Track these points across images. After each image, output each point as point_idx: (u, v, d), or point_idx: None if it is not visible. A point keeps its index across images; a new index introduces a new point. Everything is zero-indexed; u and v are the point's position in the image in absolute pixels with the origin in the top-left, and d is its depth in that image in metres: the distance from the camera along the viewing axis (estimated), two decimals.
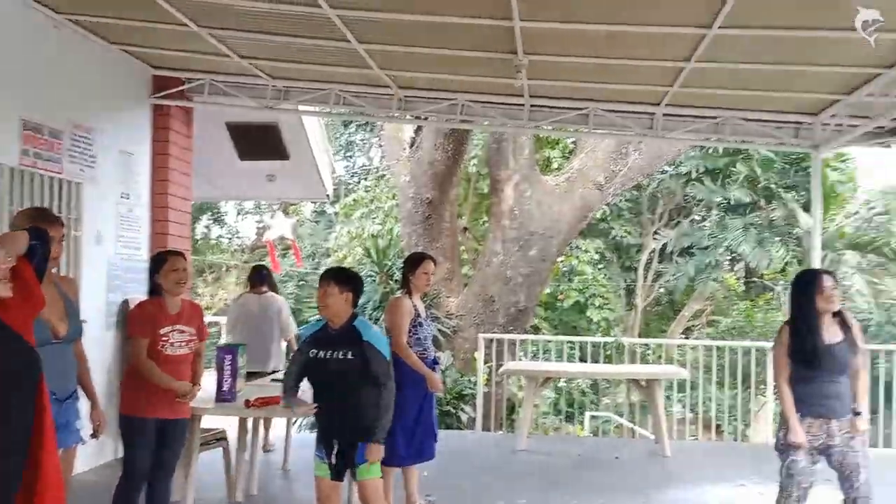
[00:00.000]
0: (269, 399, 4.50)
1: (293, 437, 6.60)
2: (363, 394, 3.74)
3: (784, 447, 4.04)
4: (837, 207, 15.46)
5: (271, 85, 6.95)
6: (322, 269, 5.44)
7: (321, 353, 3.79)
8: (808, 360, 3.98)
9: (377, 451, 3.75)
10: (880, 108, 5.92)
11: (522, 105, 6.95)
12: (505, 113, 7.14)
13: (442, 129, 10.77)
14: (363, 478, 3.79)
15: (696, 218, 17.82)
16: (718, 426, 11.16)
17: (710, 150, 15.21)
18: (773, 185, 15.28)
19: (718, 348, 9.20)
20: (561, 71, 6.18)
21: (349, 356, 3.72)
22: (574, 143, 13.84)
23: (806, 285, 4.11)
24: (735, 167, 15.49)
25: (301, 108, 7.72)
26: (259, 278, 6.97)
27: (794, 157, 14.61)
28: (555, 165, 14.93)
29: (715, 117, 6.87)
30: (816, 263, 7.20)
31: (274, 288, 7.09)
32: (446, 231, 11.64)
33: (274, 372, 6.21)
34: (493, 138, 11.48)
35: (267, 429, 6.65)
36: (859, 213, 16.11)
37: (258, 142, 8.73)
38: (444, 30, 5.32)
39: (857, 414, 4.00)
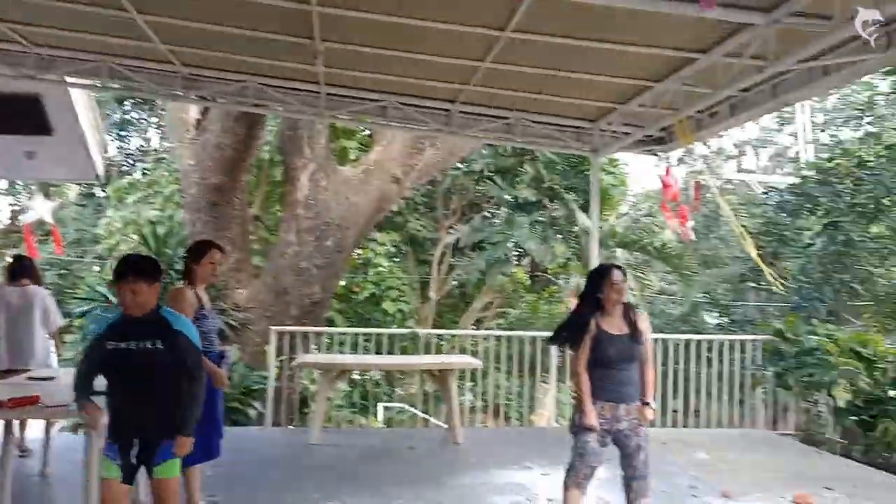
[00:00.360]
0: (24, 399, 4.09)
1: (54, 438, 5.95)
2: (172, 386, 3.42)
3: (578, 429, 4.26)
4: (610, 209, 16.88)
5: (33, 52, 6.17)
6: (88, 258, 4.90)
7: (123, 345, 3.38)
8: (600, 349, 4.23)
9: (187, 445, 3.47)
10: (650, 118, 6.49)
11: (319, 93, 6.79)
12: (300, 99, 6.93)
13: (232, 112, 10.24)
14: (163, 476, 3.46)
15: (487, 214, 18.59)
16: (506, 413, 11.70)
17: (500, 150, 15.91)
18: (556, 186, 16.31)
19: (507, 339, 9.64)
20: (359, 60, 6.10)
21: (157, 346, 3.37)
22: (371, 135, 13.83)
23: (599, 277, 4.37)
24: (523, 167, 16.36)
25: (69, 79, 6.95)
26: (20, 269, 6.24)
27: (573, 159, 15.71)
28: (352, 156, 14.83)
29: (507, 118, 7.16)
30: (595, 260, 7.77)
31: (38, 280, 6.36)
32: (236, 219, 11.10)
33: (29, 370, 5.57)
34: (287, 125, 11.09)
35: (23, 430, 6.00)
36: (629, 214, 17.72)
37: (16, 114, 7.75)
38: (237, 7, 5.02)
39: (645, 404, 4.31)
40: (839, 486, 6.08)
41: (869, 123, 16.49)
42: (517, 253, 17.80)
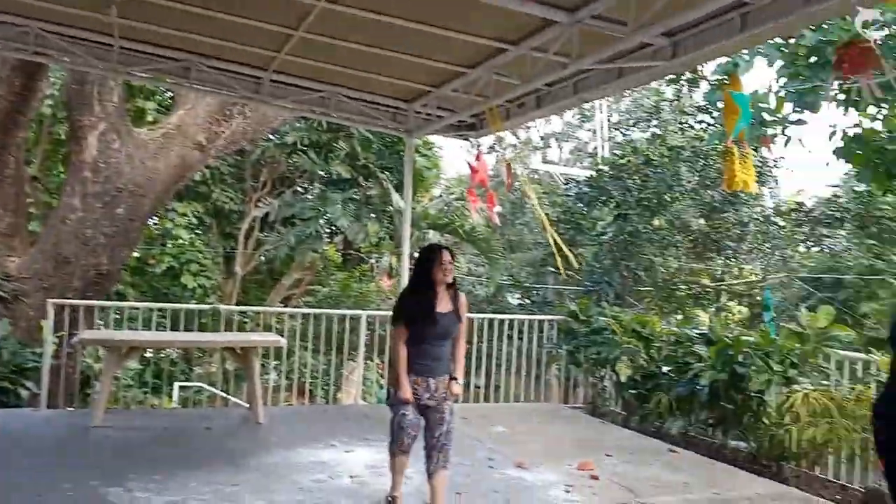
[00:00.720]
0: None
1: None
2: None
3: (395, 402, 4.44)
4: (424, 191, 17.16)
5: None
6: None
7: None
8: (422, 324, 4.37)
9: None
10: (463, 104, 6.63)
11: (112, 46, 6.19)
12: (89, 51, 6.29)
13: (9, 60, 9.07)
14: None
15: (299, 189, 18.17)
16: (311, 391, 11.55)
17: (315, 124, 15.57)
18: (371, 165, 16.28)
19: (315, 317, 9.46)
20: (161, 15, 5.64)
21: None
22: (172, 97, 12.91)
23: (427, 258, 4.50)
24: (338, 143, 16.13)
25: None
26: None
27: (389, 140, 15.75)
28: (150, 118, 13.78)
29: (321, 91, 6.98)
30: (407, 240, 7.83)
31: None
32: (9, 179, 9.88)
33: None
34: (74, 78, 10.03)
35: None
36: (441, 197, 18.12)
37: None
38: None
39: (453, 379, 4.51)
40: (617, 452, 6.64)
41: (655, 126, 18.10)
42: (329, 230, 17.59)
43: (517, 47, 5.47)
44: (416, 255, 4.81)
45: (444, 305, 4.47)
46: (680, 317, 15.75)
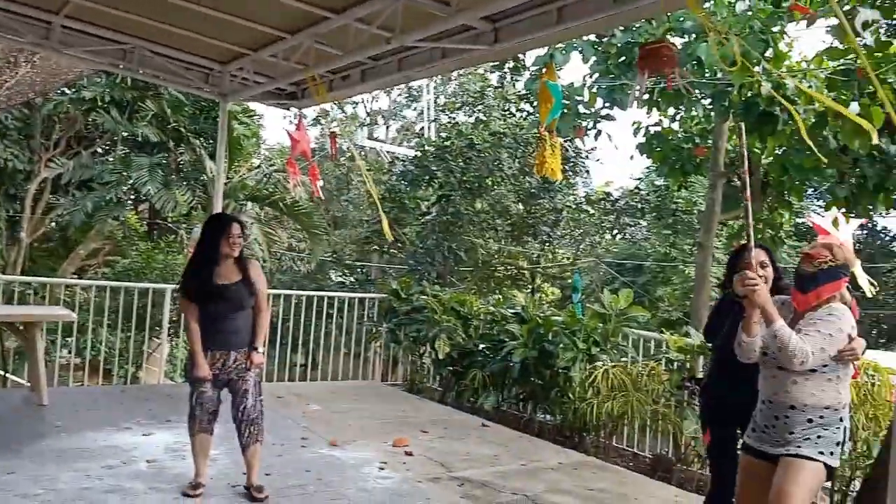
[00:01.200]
0: None
1: None
2: None
3: (192, 379, 4.34)
4: (242, 160, 16.39)
5: None
6: None
7: None
8: (207, 298, 4.27)
9: None
10: (282, 71, 6.34)
11: None
12: None
13: None
14: None
15: (99, 150, 16.67)
16: (108, 370, 10.68)
17: (119, 79, 14.33)
18: (183, 129, 15.26)
19: (114, 290, 8.75)
20: None
21: None
22: None
23: (214, 229, 4.36)
24: (145, 103, 14.95)
25: None
26: None
27: (204, 103, 14.85)
28: None
29: (124, 43, 6.37)
30: (219, 211, 7.40)
31: None
32: None
33: None
34: None
35: None
36: (261, 167, 17.41)
37: None
38: None
39: (254, 349, 4.42)
40: (433, 428, 6.76)
41: (480, 111, 18.55)
42: (134, 197, 16.32)
43: (340, 16, 5.31)
44: (203, 226, 4.60)
45: (229, 277, 4.35)
46: (498, 297, 16.36)
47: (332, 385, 9.19)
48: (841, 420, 3.12)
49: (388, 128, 30.73)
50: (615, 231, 20.53)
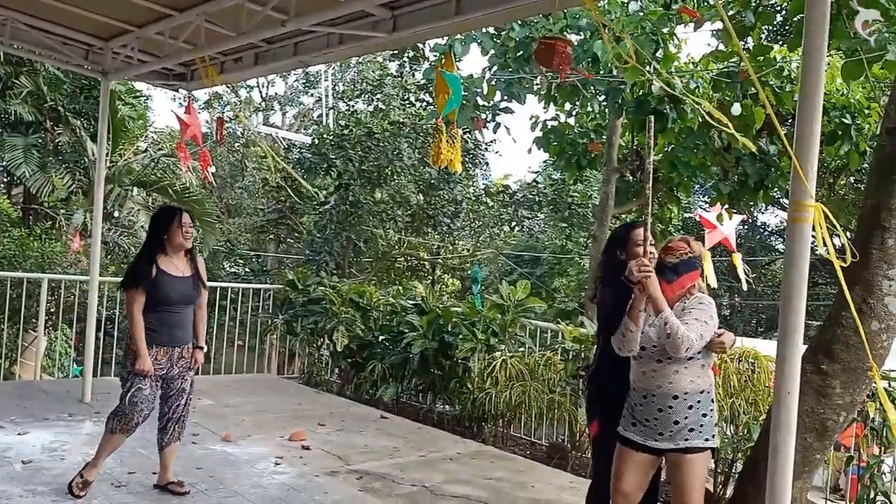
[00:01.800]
0: None
1: None
2: None
3: (131, 375, 4.16)
4: (128, 143, 15.56)
5: None
6: None
7: None
8: (158, 290, 4.15)
9: None
10: (170, 50, 6.03)
11: None
12: None
13: None
14: None
15: None
16: None
17: None
18: (61, 108, 14.31)
19: None
20: None
21: None
22: None
23: (166, 219, 4.26)
24: (18, 79, 13.90)
25: None
26: None
27: (85, 81, 13.96)
28: None
29: None
30: (100, 196, 7.01)
31: None
32: None
33: None
34: None
35: None
36: (148, 151, 16.59)
37: None
38: None
39: (199, 348, 4.38)
40: (331, 421, 6.69)
41: (379, 100, 18.39)
42: (7, 180, 15.18)
43: None
44: (153, 217, 4.46)
45: (181, 269, 4.25)
46: (398, 288, 16.31)
47: (226, 378, 8.93)
48: (712, 401, 3.30)
49: (284, 114, 30.03)
50: (513, 223, 20.88)
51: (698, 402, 3.21)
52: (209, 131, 20.09)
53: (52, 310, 8.34)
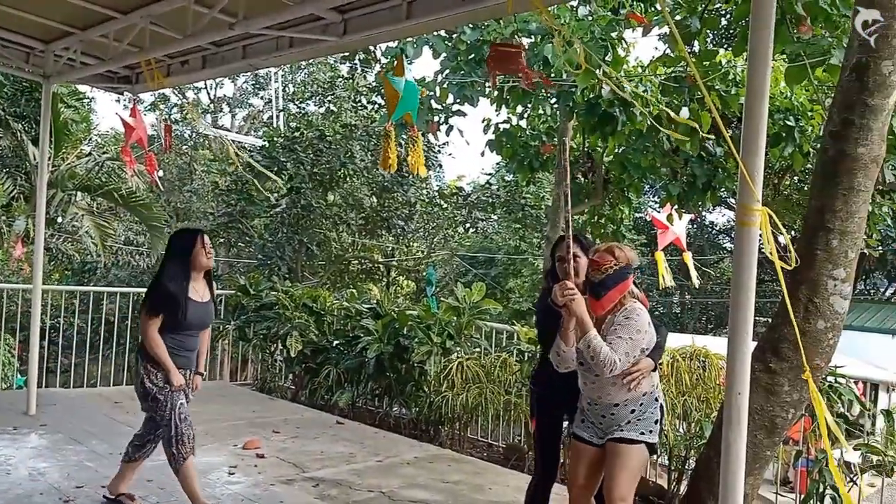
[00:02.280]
0: None
1: None
2: None
3: (168, 393, 4.08)
4: (71, 147, 15.12)
5: None
6: None
7: None
8: (182, 316, 4.09)
9: None
10: (114, 52, 5.88)
11: None
12: None
13: None
14: None
15: None
16: None
17: None
18: (1, 112, 13.84)
19: None
20: None
21: None
22: None
23: (189, 242, 4.19)
24: None
25: None
26: None
27: (26, 84, 13.54)
28: None
29: None
30: (42, 202, 6.81)
31: None
32: None
33: None
34: None
35: None
36: (92, 155, 16.15)
37: None
38: None
39: (198, 373, 4.38)
40: (285, 428, 6.61)
41: (330, 102, 18.25)
42: None
43: None
44: (172, 239, 4.40)
45: (201, 293, 4.23)
46: (352, 291, 16.19)
47: None
48: (656, 400, 3.40)
49: (233, 116, 29.57)
50: (468, 225, 20.94)
51: (640, 404, 3.33)
52: (155, 133, 19.68)
53: None
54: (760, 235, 2.42)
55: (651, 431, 3.35)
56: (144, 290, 9.40)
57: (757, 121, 2.48)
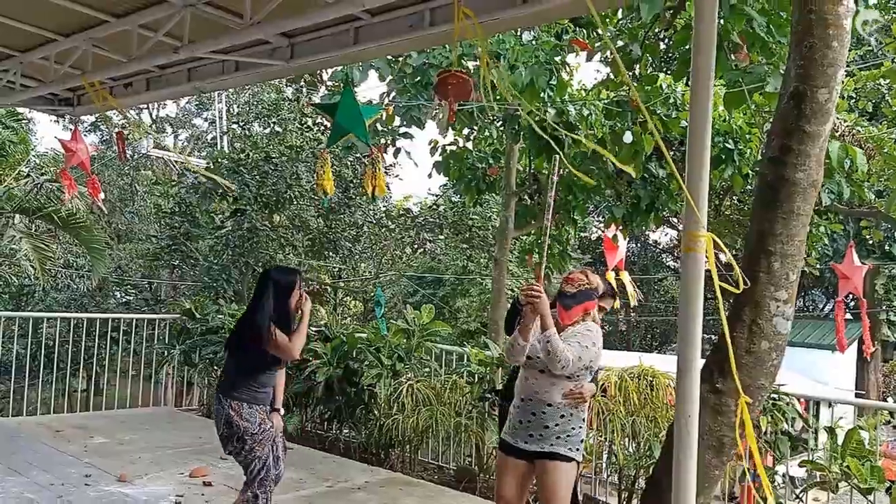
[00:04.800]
0: None
1: None
2: None
3: (267, 431, 4.11)
4: (8, 168, 14.65)
5: None
6: None
7: None
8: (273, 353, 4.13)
9: None
10: (55, 75, 5.75)
11: None
12: None
13: None
14: None
15: None
16: None
17: None
18: None
19: None
20: None
21: None
22: None
23: (293, 282, 4.30)
24: None
25: None
26: None
27: None
28: None
29: None
30: None
31: None
32: None
33: None
34: None
35: None
36: (31, 176, 15.67)
37: None
38: None
39: (276, 410, 4.32)
40: None
41: (276, 123, 18.11)
42: None
43: (121, 20, 4.91)
44: (274, 275, 4.39)
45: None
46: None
47: (120, 413, 8.52)
48: (582, 420, 3.69)
49: (176, 136, 29.06)
50: (415, 245, 20.95)
51: (571, 415, 3.58)
52: (97, 154, 19.18)
53: None
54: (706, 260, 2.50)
55: (578, 449, 3.62)
56: (85, 314, 9.16)
57: (700, 149, 2.57)
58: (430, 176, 10.14)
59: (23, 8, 4.92)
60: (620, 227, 8.42)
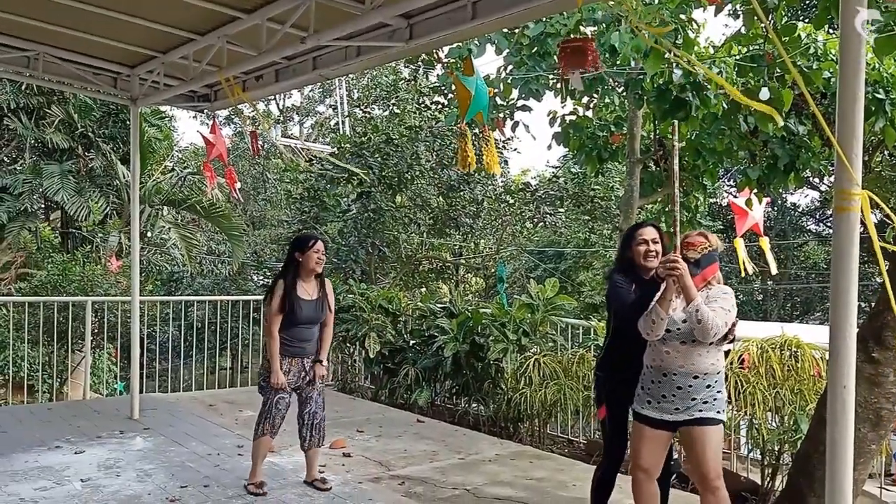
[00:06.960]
0: None
1: None
2: None
3: (268, 388, 4.71)
4: (155, 164, 15.79)
5: None
6: None
7: None
8: (291, 311, 4.65)
9: None
10: (194, 73, 6.10)
11: None
12: None
13: None
14: None
15: (5, 159, 15.74)
16: (32, 386, 10.24)
17: (24, 86, 13.59)
18: (91, 134, 14.60)
19: (31, 304, 8.51)
20: None
21: None
22: None
23: (304, 246, 4.70)
24: (50, 109, 14.20)
25: None
26: None
27: (113, 106, 14.25)
28: None
29: (25, 49, 6.03)
30: (136, 217, 7.15)
31: None
32: None
33: None
34: None
35: None
36: (175, 170, 16.81)
37: None
38: None
39: (319, 361, 4.85)
40: (369, 427, 6.76)
41: (394, 105, 18.40)
42: (45, 206, 15.48)
43: (251, 16, 5.15)
44: (291, 243, 4.94)
45: (310, 293, 4.74)
46: (424, 291, 16.33)
47: None
48: (725, 380, 3.61)
49: (301, 124, 30.18)
50: (535, 219, 20.78)
51: (715, 381, 3.47)
52: (232, 146, 20.26)
53: (95, 330, 8.54)
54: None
55: (723, 412, 3.51)
56: (227, 297, 9.78)
57: (852, 99, 2.37)
58: (549, 147, 10.01)
59: (161, 10, 5.24)
60: (755, 191, 7.96)
